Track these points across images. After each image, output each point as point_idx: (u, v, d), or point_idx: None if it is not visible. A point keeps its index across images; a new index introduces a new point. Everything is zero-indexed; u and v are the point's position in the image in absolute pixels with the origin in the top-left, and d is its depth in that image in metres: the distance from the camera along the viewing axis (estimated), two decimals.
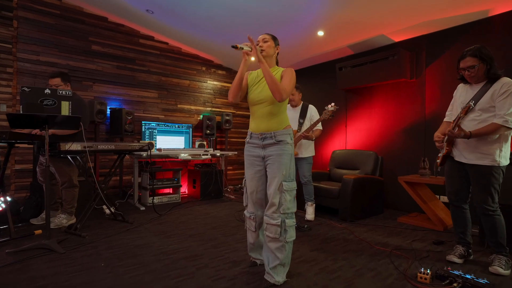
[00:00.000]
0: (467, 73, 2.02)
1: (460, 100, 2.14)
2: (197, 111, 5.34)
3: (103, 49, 4.34)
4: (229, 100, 1.99)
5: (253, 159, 1.98)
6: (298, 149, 3.33)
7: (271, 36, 2.00)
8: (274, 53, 1.99)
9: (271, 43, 1.97)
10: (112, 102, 4.43)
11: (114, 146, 2.90)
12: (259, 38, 2.00)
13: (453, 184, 2.17)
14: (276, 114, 1.93)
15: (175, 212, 3.67)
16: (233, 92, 1.95)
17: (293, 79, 1.90)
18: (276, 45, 2.00)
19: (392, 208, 3.91)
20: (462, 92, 2.16)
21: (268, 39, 1.97)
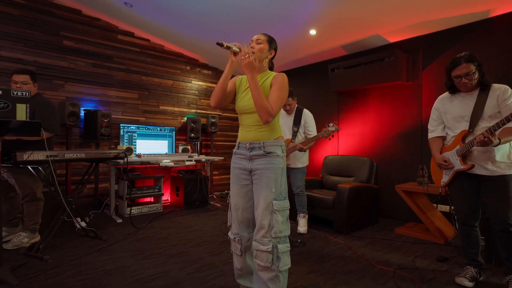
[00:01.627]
0: (463, 81, 1.86)
1: (455, 112, 1.96)
2: (181, 113, 5.02)
3: (76, 45, 3.95)
4: (211, 105, 1.73)
5: (239, 172, 1.72)
6: (291, 159, 3.09)
7: (267, 37, 1.74)
8: (266, 58, 1.73)
9: (264, 46, 1.71)
10: (86, 103, 4.05)
11: (84, 154, 2.56)
12: (253, 38, 1.74)
13: (467, 201, 1.95)
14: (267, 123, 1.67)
15: (155, 224, 3.34)
16: (215, 97, 1.69)
17: (283, 91, 1.63)
18: (271, 49, 1.74)
19: (387, 217, 3.73)
20: (451, 103, 2.00)
21: (262, 41, 1.71)
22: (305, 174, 3.21)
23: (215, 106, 1.71)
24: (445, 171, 2.03)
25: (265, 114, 1.53)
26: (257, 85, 1.54)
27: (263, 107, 1.52)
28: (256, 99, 1.53)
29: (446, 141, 2.07)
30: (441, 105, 2.08)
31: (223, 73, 1.66)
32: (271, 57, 1.76)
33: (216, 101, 1.69)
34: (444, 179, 2.04)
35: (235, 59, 1.64)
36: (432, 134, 2.15)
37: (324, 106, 4.49)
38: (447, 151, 2.02)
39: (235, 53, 1.63)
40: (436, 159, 2.06)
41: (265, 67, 1.75)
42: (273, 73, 1.73)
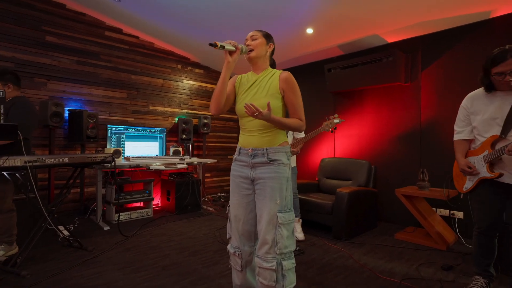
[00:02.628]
0: (507, 79, 1.65)
1: (487, 113, 1.79)
2: (172, 114, 4.83)
3: (59, 41, 3.72)
4: (211, 112, 1.59)
5: (240, 181, 1.58)
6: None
7: (262, 32, 1.62)
8: (266, 53, 1.61)
9: (261, 41, 1.58)
10: (71, 102, 3.82)
11: (68, 159, 2.36)
12: (248, 35, 1.62)
13: (490, 211, 1.82)
14: (271, 128, 1.54)
15: (145, 232, 3.16)
16: (215, 103, 1.55)
17: (300, 95, 1.57)
18: (269, 42, 1.62)
19: (385, 220, 3.65)
20: (484, 103, 1.83)
21: (258, 36, 1.59)
22: (296, 175, 3.08)
23: (215, 113, 1.57)
24: (469, 177, 1.91)
25: (299, 129, 1.56)
26: (281, 121, 1.50)
27: (294, 126, 1.54)
28: (289, 127, 1.55)
29: (474, 145, 1.92)
30: (470, 104, 1.90)
31: (221, 76, 1.52)
32: (271, 50, 1.63)
33: (216, 108, 1.55)
34: (467, 185, 1.92)
35: (231, 59, 1.51)
36: (458, 136, 1.99)
37: (320, 107, 4.38)
38: (473, 156, 1.89)
39: (230, 52, 1.49)
40: (460, 163, 1.92)
41: (266, 63, 1.62)
42: (276, 71, 1.60)
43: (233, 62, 1.52)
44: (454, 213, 3.13)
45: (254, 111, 1.37)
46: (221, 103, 1.55)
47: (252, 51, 1.56)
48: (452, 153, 3.19)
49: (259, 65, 1.61)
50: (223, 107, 1.58)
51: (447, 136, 3.22)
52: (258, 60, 1.60)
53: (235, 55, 1.51)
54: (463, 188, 1.96)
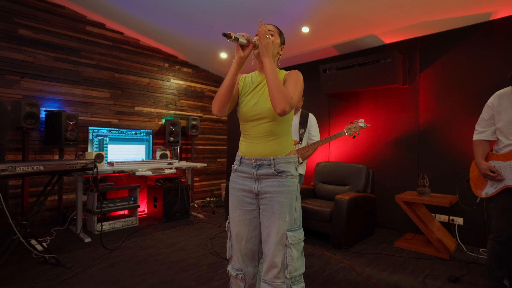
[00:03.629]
0: None
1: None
2: (159, 115, 4.57)
3: (35, 35, 3.41)
4: (213, 112, 1.39)
5: (243, 195, 1.39)
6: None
7: (278, 30, 1.45)
8: (277, 53, 1.44)
9: (276, 39, 1.42)
10: (48, 103, 3.51)
11: (43, 167, 2.11)
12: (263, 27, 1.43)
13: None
14: (278, 134, 1.37)
15: (131, 243, 2.92)
16: (219, 103, 1.35)
17: (300, 84, 1.35)
18: (282, 44, 1.45)
19: (382, 226, 3.55)
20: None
21: (274, 33, 1.42)
22: (300, 185, 2.93)
23: (218, 114, 1.37)
24: (490, 182, 1.79)
25: (283, 102, 1.21)
26: (274, 70, 1.26)
27: (281, 92, 1.22)
28: (273, 85, 1.23)
29: (498, 147, 1.81)
30: (498, 103, 1.77)
31: (229, 73, 1.32)
32: (281, 53, 1.46)
33: (220, 108, 1.35)
34: (488, 191, 1.80)
35: (244, 54, 1.31)
36: (479, 135, 1.87)
37: (314, 108, 4.25)
38: (498, 160, 1.77)
39: (243, 46, 1.30)
40: (481, 167, 1.80)
41: (276, 64, 1.45)
42: (283, 71, 1.44)
43: (245, 58, 1.33)
44: (454, 219, 3.06)
45: (267, 32, 1.28)
46: (226, 103, 1.35)
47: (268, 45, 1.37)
48: (451, 157, 3.17)
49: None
50: (228, 109, 1.39)
51: (446, 140, 3.15)
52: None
53: (247, 50, 1.32)
54: (483, 193, 1.85)
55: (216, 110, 1.38)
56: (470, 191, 2.02)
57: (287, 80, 1.36)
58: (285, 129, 1.39)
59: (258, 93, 1.40)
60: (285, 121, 1.38)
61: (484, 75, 2.93)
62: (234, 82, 1.33)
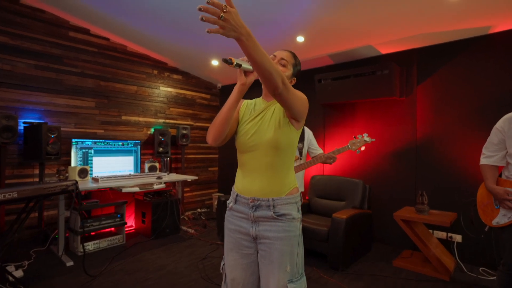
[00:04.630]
0: None
1: None
2: (147, 124, 4.38)
3: (12, 41, 3.18)
4: (208, 142, 1.26)
5: (239, 238, 1.26)
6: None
7: (294, 59, 1.29)
8: None
9: (287, 70, 1.26)
10: (28, 114, 3.30)
11: (17, 193, 1.92)
12: (276, 53, 1.29)
13: None
14: (278, 169, 1.23)
15: (116, 267, 2.74)
16: (215, 132, 1.21)
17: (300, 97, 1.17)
18: (293, 75, 1.29)
19: (378, 241, 3.47)
20: None
21: (287, 63, 1.25)
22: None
23: (213, 143, 1.23)
24: (503, 211, 1.69)
25: (277, 78, 0.98)
26: (258, 44, 0.96)
27: (273, 69, 0.97)
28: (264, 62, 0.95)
29: (509, 173, 1.71)
30: (508, 127, 1.69)
31: (229, 100, 1.18)
32: (293, 84, 1.29)
33: (217, 137, 1.21)
34: (500, 220, 1.70)
35: (247, 80, 1.16)
36: (487, 160, 1.78)
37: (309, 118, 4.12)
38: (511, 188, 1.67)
39: (246, 72, 1.16)
40: (496, 192, 1.69)
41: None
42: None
43: (248, 85, 1.19)
44: (452, 236, 2.99)
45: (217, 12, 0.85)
46: (223, 132, 1.21)
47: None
48: (449, 172, 3.08)
49: (269, 96, 1.30)
50: (224, 138, 1.25)
51: (444, 154, 3.08)
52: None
53: (251, 76, 1.17)
54: (493, 222, 1.75)
55: (211, 140, 1.24)
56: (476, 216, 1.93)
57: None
58: (287, 162, 1.26)
59: (258, 122, 1.26)
60: (286, 153, 1.24)
61: (483, 89, 2.87)
62: (233, 110, 1.19)
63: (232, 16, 0.88)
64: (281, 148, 1.20)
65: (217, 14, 0.85)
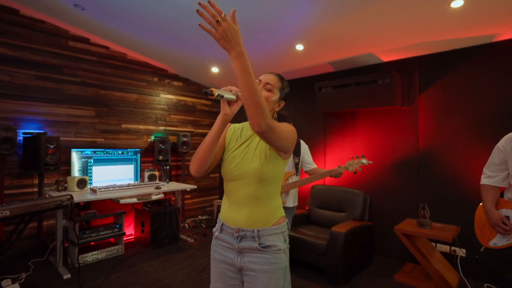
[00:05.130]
0: None
1: None
2: (148, 132, 4.38)
3: (12, 52, 3.20)
4: (191, 172, 1.22)
5: (224, 268, 1.22)
6: (286, 197, 2.63)
7: (281, 83, 1.24)
8: (271, 110, 1.24)
9: (273, 95, 1.21)
10: (28, 124, 3.31)
11: (9, 211, 1.91)
12: (261, 77, 1.24)
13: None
14: (264, 199, 1.19)
15: (113, 280, 2.73)
16: (198, 163, 1.17)
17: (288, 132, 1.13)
18: (281, 100, 1.26)
19: (380, 253, 3.40)
20: None
21: (272, 87, 1.21)
22: (292, 216, 2.77)
23: (197, 174, 1.20)
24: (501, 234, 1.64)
25: (259, 115, 0.93)
26: (246, 66, 0.93)
27: (257, 103, 0.92)
28: (249, 90, 0.92)
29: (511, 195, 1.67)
30: (511, 147, 1.64)
31: (211, 131, 1.13)
32: (279, 109, 1.27)
33: (199, 168, 1.17)
34: (498, 242, 1.64)
35: (230, 110, 1.12)
36: (488, 180, 1.73)
37: (309, 126, 4.08)
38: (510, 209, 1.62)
39: (230, 102, 1.12)
40: (491, 215, 1.64)
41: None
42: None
43: (231, 115, 1.14)
44: (456, 249, 2.91)
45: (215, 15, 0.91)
46: (206, 163, 1.16)
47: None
48: (452, 184, 2.99)
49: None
50: (209, 168, 1.21)
51: (447, 165, 3.00)
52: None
53: (235, 106, 1.12)
54: (490, 243, 1.69)
55: (193, 171, 1.20)
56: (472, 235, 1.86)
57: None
58: (272, 192, 1.21)
59: (244, 151, 1.22)
60: (273, 183, 1.20)
61: (488, 98, 2.78)
62: (216, 141, 1.15)
63: (230, 28, 0.92)
64: (266, 179, 1.16)
65: (215, 17, 0.91)
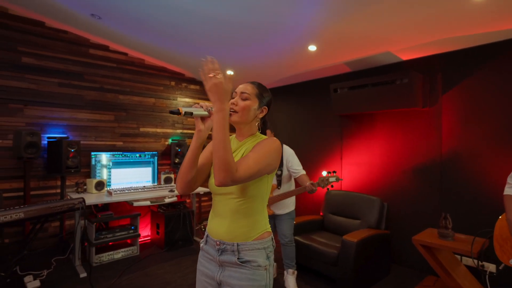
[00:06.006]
0: None
1: None
2: (165, 135, 4.47)
3: (38, 62, 3.40)
4: (177, 191, 1.20)
5: (205, 281, 1.19)
6: (274, 206, 2.57)
7: (256, 89, 1.20)
8: (254, 118, 1.21)
9: (252, 103, 1.18)
10: (52, 129, 3.50)
11: (23, 214, 2.02)
12: (237, 89, 1.21)
13: None
14: (248, 213, 1.14)
15: (124, 281, 2.80)
16: (181, 181, 1.15)
17: (266, 155, 1.09)
18: (263, 105, 1.21)
19: (399, 263, 3.20)
20: None
21: (249, 95, 1.18)
22: (294, 220, 2.70)
23: (182, 192, 1.19)
24: None
25: (222, 173, 0.96)
26: (223, 125, 0.99)
27: (223, 160, 0.96)
28: (217, 146, 0.97)
29: None
30: None
31: (189, 149, 1.12)
32: (262, 116, 1.23)
33: (184, 186, 1.16)
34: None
35: (203, 126, 1.10)
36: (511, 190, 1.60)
37: (325, 129, 3.95)
38: None
39: (203, 117, 1.10)
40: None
41: (253, 129, 1.23)
42: (262, 136, 1.21)
43: (206, 130, 1.12)
44: (484, 264, 2.66)
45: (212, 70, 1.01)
46: (189, 180, 1.14)
47: (234, 114, 1.16)
48: (479, 192, 2.72)
49: (243, 131, 1.23)
50: (193, 185, 1.18)
51: (473, 172, 2.75)
52: (242, 126, 1.21)
53: (209, 121, 1.11)
54: (511, 260, 1.52)
55: (179, 189, 1.18)
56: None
57: (254, 147, 1.12)
58: (256, 207, 1.16)
59: None
60: (256, 198, 1.15)
61: None
62: (195, 159, 1.13)
63: (221, 85, 0.99)
64: (249, 194, 1.12)
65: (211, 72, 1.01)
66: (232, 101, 1.18)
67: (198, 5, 2.61)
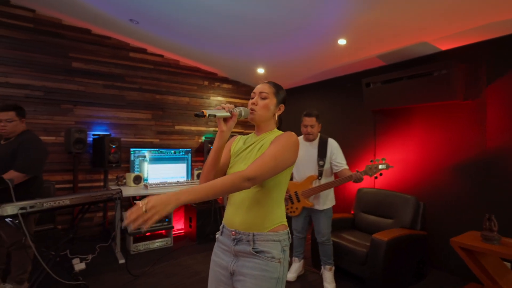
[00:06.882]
0: None
1: None
2: (198, 132, 4.65)
3: (85, 66, 3.75)
4: None
5: (218, 271, 1.22)
6: (315, 199, 2.53)
7: (273, 88, 1.27)
8: (272, 115, 1.27)
9: (270, 101, 1.25)
10: (97, 127, 3.83)
11: (69, 201, 2.24)
12: (255, 89, 1.29)
13: None
14: (264, 204, 1.17)
15: (158, 269, 2.97)
16: (205, 178, 1.23)
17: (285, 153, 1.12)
18: (279, 103, 1.28)
19: (437, 267, 2.99)
20: None
21: (267, 94, 1.25)
22: (331, 218, 2.64)
23: None
24: None
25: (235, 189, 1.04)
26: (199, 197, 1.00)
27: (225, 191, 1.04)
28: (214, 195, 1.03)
29: None
30: None
31: (212, 148, 1.21)
32: (280, 113, 1.30)
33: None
34: None
35: (226, 127, 1.19)
36: None
37: (357, 126, 3.82)
38: None
39: (225, 118, 1.18)
40: None
41: (271, 125, 1.29)
42: (278, 132, 1.26)
43: (228, 131, 1.20)
44: None
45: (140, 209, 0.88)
46: (211, 178, 1.21)
47: (255, 113, 1.24)
48: None
49: (261, 127, 1.29)
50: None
51: None
52: (261, 123, 1.28)
53: (231, 122, 1.19)
54: None
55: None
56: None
57: (271, 144, 1.16)
58: (275, 198, 1.18)
59: (246, 156, 1.25)
60: (274, 189, 1.18)
61: None
62: (218, 158, 1.21)
63: (153, 203, 0.89)
64: (266, 185, 1.15)
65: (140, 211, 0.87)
66: (252, 101, 1.25)
67: (226, 6, 2.69)
